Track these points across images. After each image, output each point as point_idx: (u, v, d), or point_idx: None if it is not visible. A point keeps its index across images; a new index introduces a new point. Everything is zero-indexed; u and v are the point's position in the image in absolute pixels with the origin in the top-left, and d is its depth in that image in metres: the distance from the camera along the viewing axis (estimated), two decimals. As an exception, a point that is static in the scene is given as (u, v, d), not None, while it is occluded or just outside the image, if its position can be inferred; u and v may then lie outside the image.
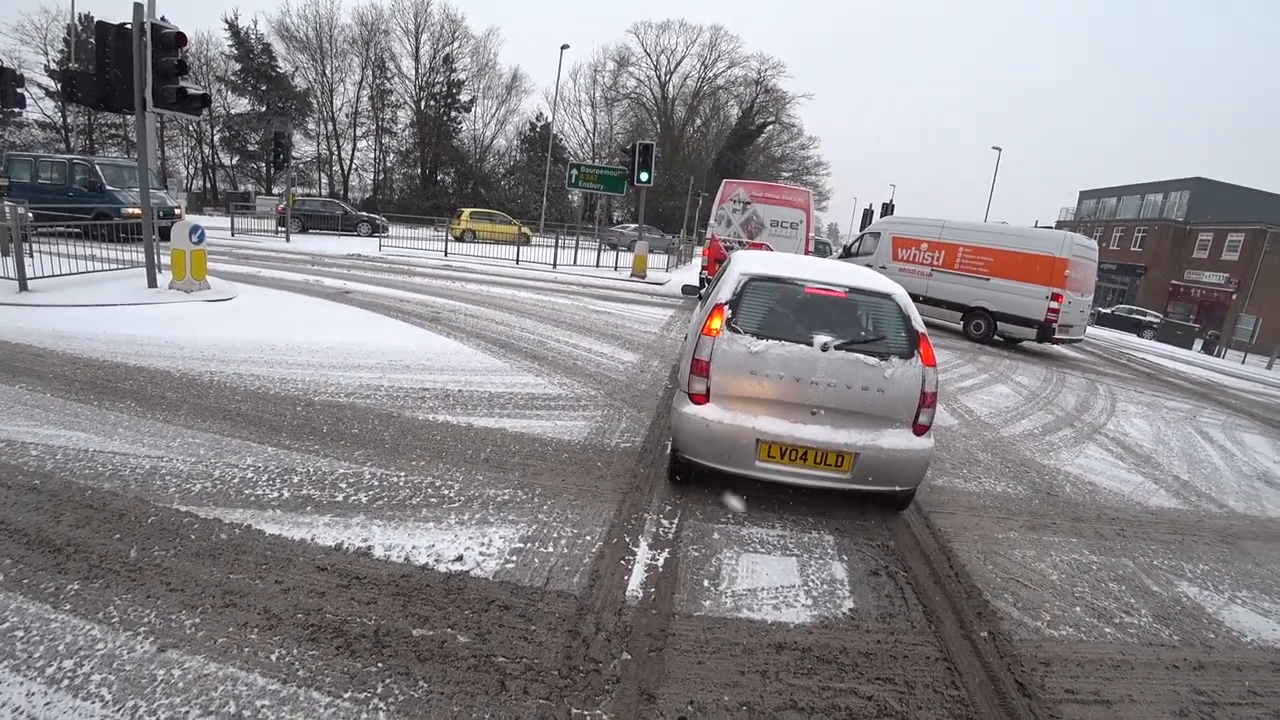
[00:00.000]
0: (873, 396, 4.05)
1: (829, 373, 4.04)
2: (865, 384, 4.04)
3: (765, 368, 4.07)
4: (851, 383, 4.04)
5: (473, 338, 8.04)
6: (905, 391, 4.08)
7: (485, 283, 13.84)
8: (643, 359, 7.96)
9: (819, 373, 4.04)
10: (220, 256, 14.46)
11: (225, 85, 41.44)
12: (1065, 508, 5.08)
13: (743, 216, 14.57)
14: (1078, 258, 13.19)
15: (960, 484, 5.21)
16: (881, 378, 4.05)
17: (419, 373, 6.37)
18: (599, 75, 54.65)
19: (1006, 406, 8.24)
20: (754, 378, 4.08)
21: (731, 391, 4.12)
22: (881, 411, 4.08)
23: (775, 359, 4.06)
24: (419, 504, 3.82)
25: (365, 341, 7.29)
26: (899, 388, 4.06)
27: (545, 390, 6.19)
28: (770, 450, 4.03)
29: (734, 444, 4.04)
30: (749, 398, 4.11)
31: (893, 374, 4.06)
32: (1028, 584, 3.77)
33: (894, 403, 4.08)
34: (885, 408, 4.08)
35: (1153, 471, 6.49)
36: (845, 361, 4.04)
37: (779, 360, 4.06)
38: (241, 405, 5.16)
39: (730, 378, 4.11)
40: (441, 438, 4.82)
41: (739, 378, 4.11)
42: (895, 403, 4.08)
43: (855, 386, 4.04)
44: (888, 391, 4.06)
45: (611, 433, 5.27)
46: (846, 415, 4.08)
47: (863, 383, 4.04)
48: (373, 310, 9.23)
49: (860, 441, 4.00)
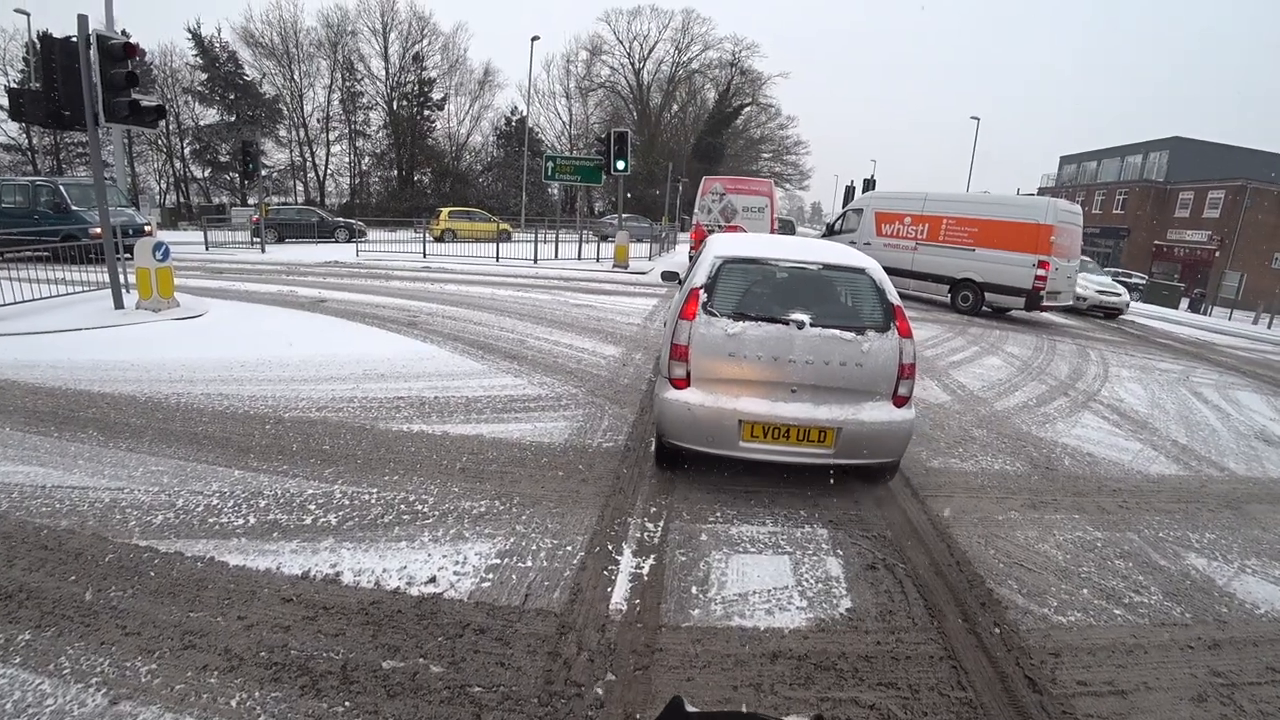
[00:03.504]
0: (851, 371, 4.05)
1: (807, 350, 4.02)
2: (843, 359, 4.03)
3: (743, 349, 4.05)
4: (829, 359, 4.03)
5: (450, 340, 7.82)
6: (883, 364, 4.07)
7: (464, 283, 13.58)
8: (625, 352, 7.76)
9: (797, 351, 4.03)
10: (193, 272, 14.14)
11: (192, 96, 40.59)
12: (1065, 482, 4.94)
13: (720, 205, 17.38)
14: (1063, 224, 13.05)
15: (956, 464, 5.06)
16: (859, 352, 4.04)
17: (394, 381, 6.16)
18: (572, 66, 54.05)
19: (999, 379, 8.10)
20: (733, 359, 4.07)
21: (712, 374, 4.11)
22: (861, 385, 4.07)
23: (753, 340, 4.05)
24: (391, 522, 3.63)
25: (339, 352, 7.06)
26: (877, 361, 4.06)
27: (524, 391, 5.99)
28: (753, 430, 4.01)
29: (717, 426, 4.03)
30: (729, 379, 4.10)
31: (870, 348, 4.05)
32: (1032, 567, 3.62)
33: (873, 376, 4.07)
34: (864, 381, 4.07)
35: (1150, 437, 6.37)
36: (822, 338, 4.03)
37: (756, 341, 4.05)
38: (209, 427, 4.94)
39: (709, 361, 4.09)
40: (416, 449, 4.62)
41: (718, 360, 4.09)
42: (874, 376, 4.07)
43: (833, 362, 4.03)
44: (866, 365, 4.05)
45: (593, 432, 5.08)
46: (827, 391, 4.07)
47: (841, 358, 4.03)
48: (348, 318, 8.98)
49: (841, 416, 3.99)
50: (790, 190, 66.45)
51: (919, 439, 5.48)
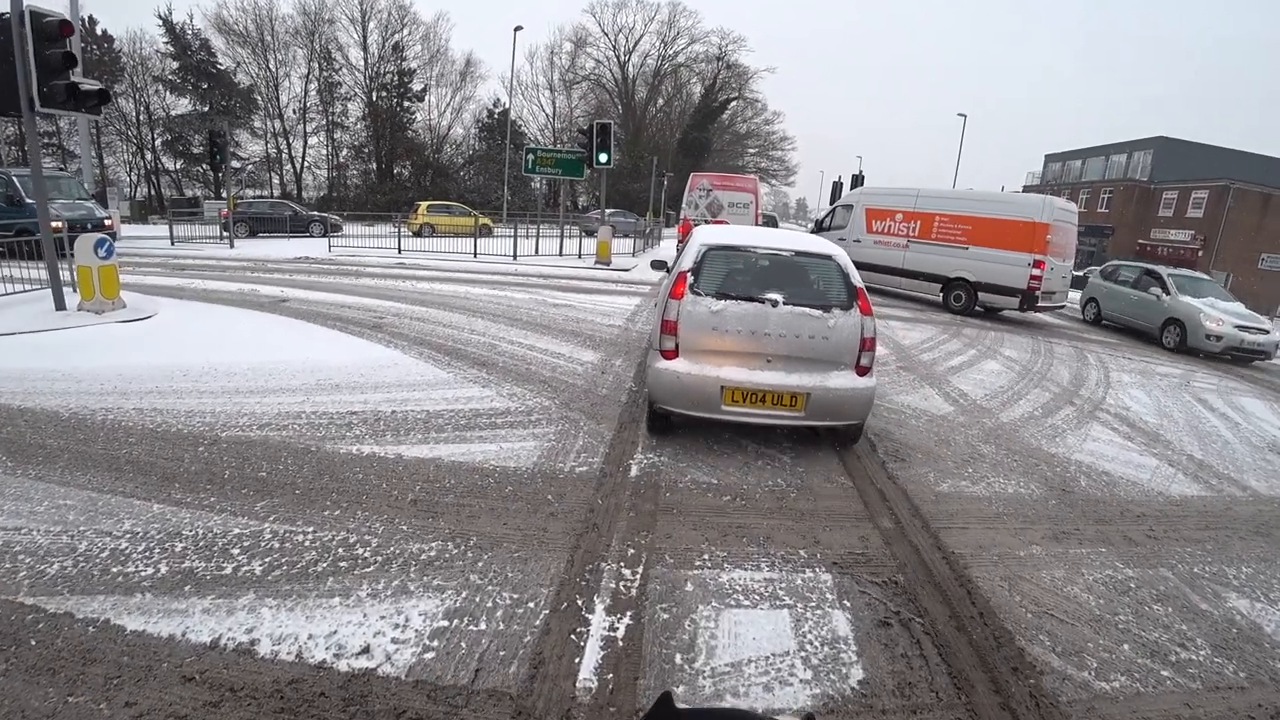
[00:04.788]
0: (819, 344, 4.59)
1: (780, 325, 4.56)
2: (812, 333, 4.57)
3: (725, 324, 4.58)
4: (800, 333, 4.57)
5: (416, 345, 7.25)
6: (847, 338, 4.62)
7: (439, 280, 12.98)
8: (604, 358, 7.23)
9: (771, 326, 4.56)
10: (154, 269, 13.44)
11: (163, 85, 39.41)
12: (1085, 507, 4.51)
13: (706, 200, 17.95)
14: (1058, 222, 12.69)
15: (968, 488, 4.61)
16: (825, 327, 4.58)
17: (349, 392, 5.60)
18: (556, 57, 53.27)
19: (1000, 386, 7.68)
20: (716, 333, 4.59)
21: (697, 346, 4.62)
22: (827, 356, 4.62)
23: (733, 316, 4.58)
24: (325, 571, 3.10)
25: (293, 358, 6.48)
26: (841, 335, 4.61)
27: (492, 404, 5.46)
28: (734, 395, 4.54)
29: (702, 392, 4.54)
30: (713, 351, 4.62)
31: (835, 324, 4.60)
32: (1064, 617, 3.17)
33: (838, 348, 4.62)
34: (830, 353, 4.61)
35: (1165, 452, 5.98)
36: (794, 315, 4.57)
37: (736, 317, 4.57)
38: (134, 449, 4.37)
39: (695, 334, 4.61)
40: (364, 476, 4.08)
41: (703, 334, 4.61)
42: (839, 348, 4.62)
43: (803, 336, 4.57)
44: (832, 339, 4.59)
45: (565, 453, 4.56)
46: (798, 361, 4.61)
47: (810, 332, 4.57)
48: (309, 320, 8.38)
49: (810, 383, 4.52)
50: (776, 186, 66.22)
51: (925, 458, 5.04)
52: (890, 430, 5.59)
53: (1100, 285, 15.61)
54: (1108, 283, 15.36)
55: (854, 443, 5.14)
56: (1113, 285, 15.11)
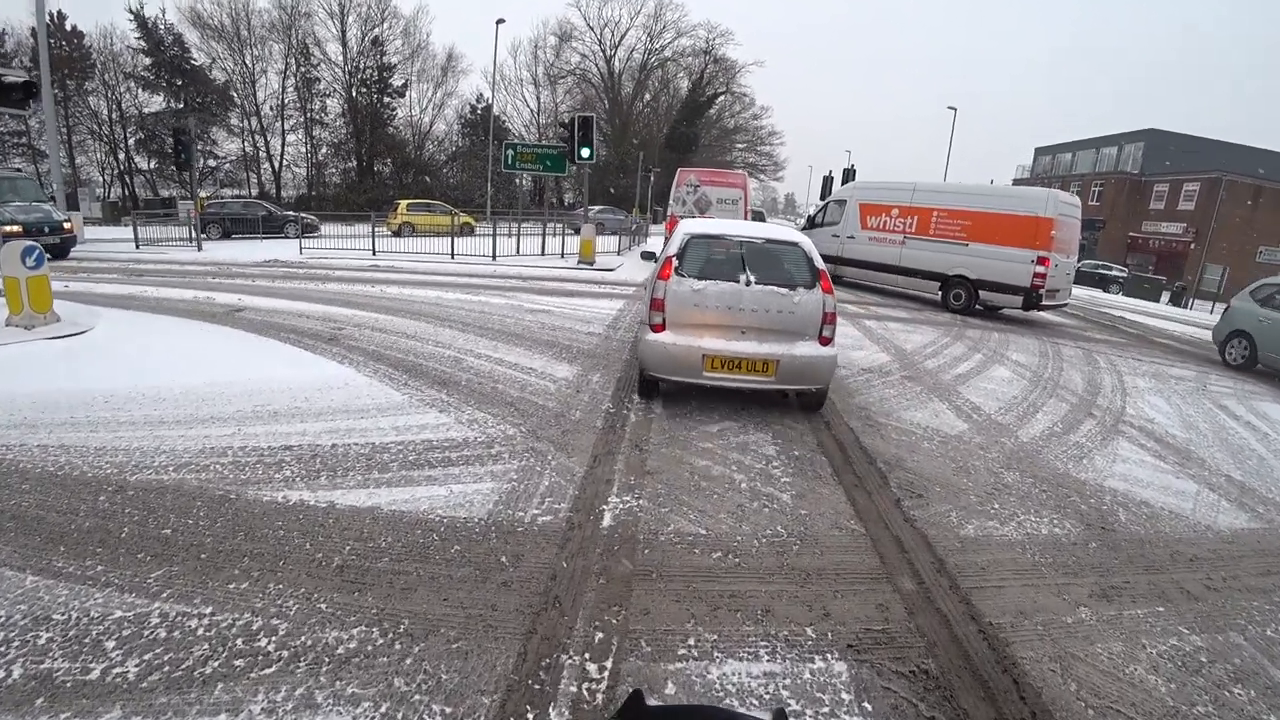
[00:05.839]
0: (786, 318, 5.30)
1: (753, 302, 5.27)
2: (780, 308, 5.29)
3: (705, 301, 5.30)
4: (770, 308, 5.28)
5: (372, 361, 6.56)
6: (810, 312, 5.33)
7: (411, 284, 12.27)
8: (580, 373, 6.56)
9: (745, 302, 5.27)
10: (110, 275, 12.66)
11: (135, 82, 38.27)
12: (1130, 550, 3.91)
13: (694, 196, 17.30)
14: (1063, 217, 12.12)
15: (996, 529, 3.99)
16: (792, 303, 5.30)
17: (287, 421, 4.92)
18: (540, 51, 52.28)
19: (1014, 396, 7.09)
20: (698, 309, 5.31)
21: (682, 320, 5.33)
22: (794, 328, 5.32)
23: (712, 294, 5.29)
24: (215, 674, 2.44)
25: (233, 379, 5.79)
26: (806, 310, 5.32)
27: (448, 434, 4.78)
28: (713, 363, 5.20)
29: (686, 359, 5.23)
30: (695, 324, 5.33)
31: (800, 299, 5.31)
32: (1133, 713, 2.56)
33: (803, 321, 5.33)
34: (797, 325, 5.32)
35: (1200, 472, 5.41)
36: (764, 292, 5.28)
37: (715, 295, 5.29)
38: (23, 500, 3.69)
39: (680, 310, 5.32)
40: (286, 533, 3.42)
41: (686, 309, 5.32)
42: (804, 321, 5.33)
43: (772, 310, 5.28)
44: (797, 313, 5.31)
45: (528, 497, 3.90)
46: (768, 332, 5.30)
47: (778, 308, 5.28)
48: (261, 333, 7.67)
49: (779, 351, 5.20)
50: (764, 181, 65.56)
51: (944, 492, 4.42)
52: (902, 457, 4.97)
53: (1254, 313, 10.54)
54: (1268, 310, 10.37)
55: (819, 407, 5.81)
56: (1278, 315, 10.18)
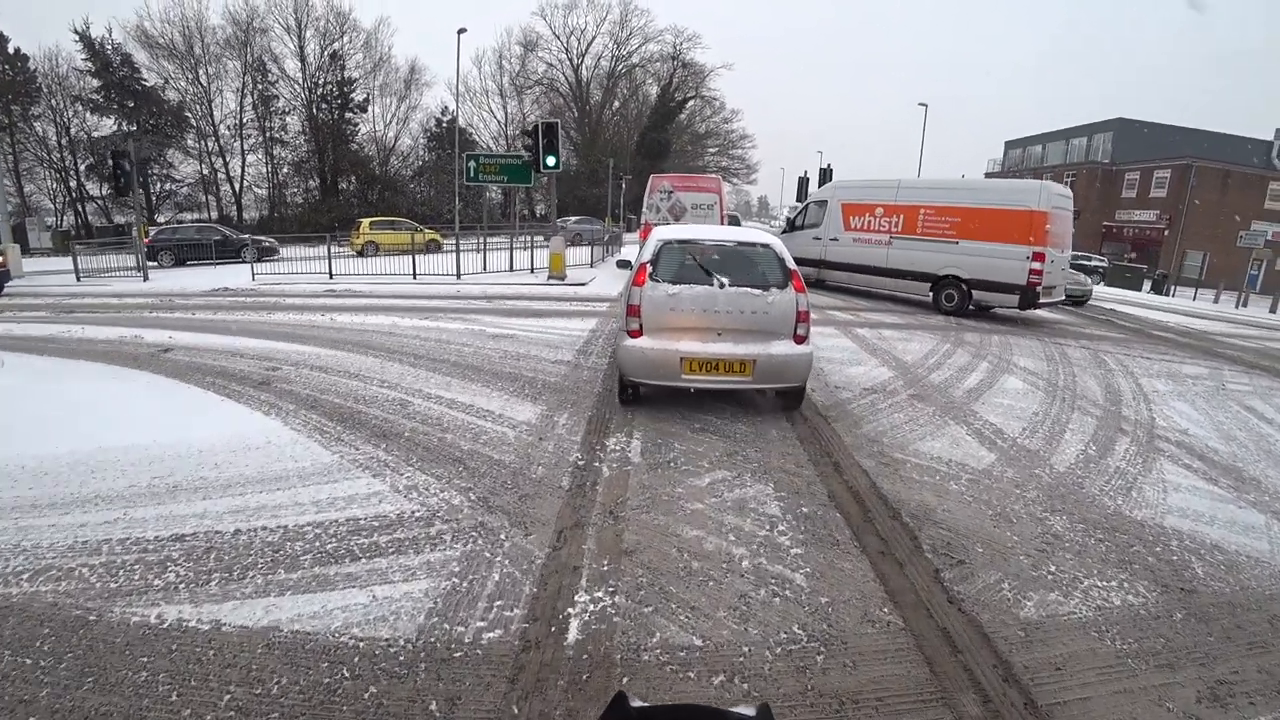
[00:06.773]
0: (761, 318, 5.30)
1: (727, 303, 5.28)
2: (754, 309, 5.29)
3: (681, 304, 5.29)
4: (744, 309, 5.28)
5: (304, 409, 5.63)
6: (784, 313, 5.33)
7: (367, 309, 11.31)
8: (544, 414, 5.66)
9: (720, 304, 5.28)
10: (37, 313, 11.60)
11: (83, 105, 36.68)
12: (1224, 621, 3.14)
13: (669, 203, 16.86)
14: (1056, 209, 11.50)
15: (1060, 605, 3.19)
16: (765, 304, 5.30)
17: (186, 499, 4.00)
18: (505, 61, 51.45)
19: (1034, 412, 6.34)
20: (674, 313, 5.30)
21: (659, 325, 5.31)
22: (769, 328, 5.32)
23: (687, 297, 5.29)
24: None
25: (133, 443, 4.83)
26: (779, 310, 5.32)
27: (380, 508, 3.87)
28: (691, 365, 5.19)
29: (665, 363, 5.20)
30: (672, 328, 5.31)
31: (773, 300, 5.31)
32: None
33: (777, 321, 5.32)
34: (771, 325, 5.32)
35: (1260, 497, 4.71)
36: (738, 294, 5.29)
37: (690, 298, 5.29)
38: None
39: (656, 315, 5.31)
40: (149, 675, 2.51)
41: (662, 314, 5.31)
42: (778, 321, 5.33)
43: (747, 311, 5.28)
44: (771, 313, 5.30)
45: (472, 602, 3.00)
46: (744, 333, 5.30)
47: (752, 309, 5.29)
48: (184, 377, 6.69)
49: (756, 352, 5.20)
50: (738, 185, 65.22)
51: (987, 554, 3.61)
52: (929, 506, 4.16)
53: None
54: None
55: (798, 405, 5.84)
56: None
